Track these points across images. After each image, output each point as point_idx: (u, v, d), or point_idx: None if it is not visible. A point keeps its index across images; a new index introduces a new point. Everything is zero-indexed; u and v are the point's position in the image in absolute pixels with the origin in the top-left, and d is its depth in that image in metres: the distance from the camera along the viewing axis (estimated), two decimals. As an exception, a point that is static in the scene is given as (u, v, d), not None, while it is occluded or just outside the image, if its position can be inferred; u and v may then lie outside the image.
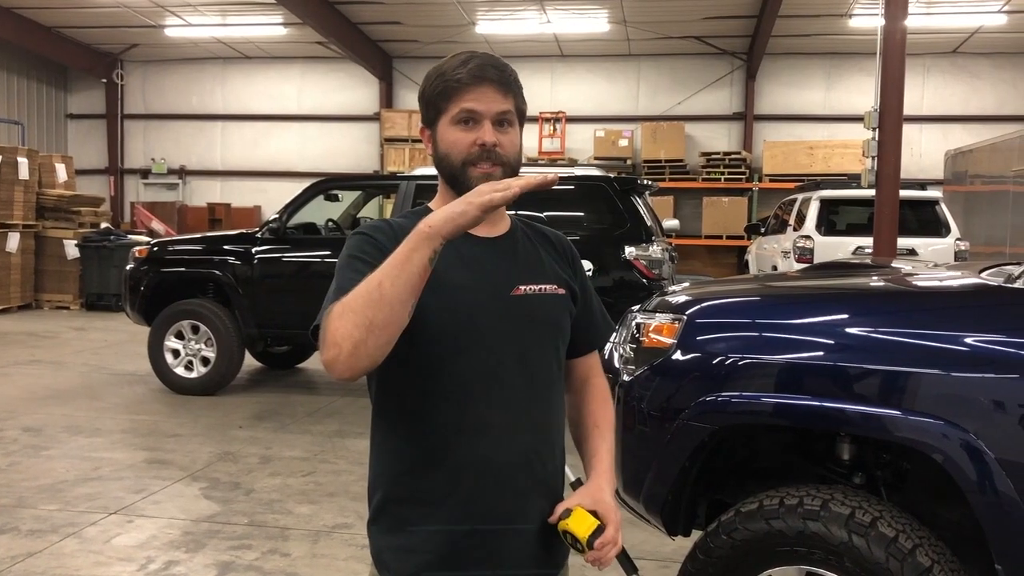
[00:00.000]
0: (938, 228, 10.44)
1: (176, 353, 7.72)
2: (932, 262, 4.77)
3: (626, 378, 2.79)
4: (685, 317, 2.67)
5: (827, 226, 10.80)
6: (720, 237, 16.58)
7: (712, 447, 2.61)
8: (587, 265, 6.75)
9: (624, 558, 3.05)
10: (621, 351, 2.92)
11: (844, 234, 10.91)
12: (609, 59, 18.16)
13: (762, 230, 13.51)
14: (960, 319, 2.31)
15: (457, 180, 1.65)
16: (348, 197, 8.83)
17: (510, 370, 1.64)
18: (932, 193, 10.91)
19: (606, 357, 3.14)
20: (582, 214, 7.33)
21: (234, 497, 5.00)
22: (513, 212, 1.81)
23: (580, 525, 1.61)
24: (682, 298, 2.81)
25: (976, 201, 14.12)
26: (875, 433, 2.38)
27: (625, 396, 2.76)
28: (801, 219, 11.02)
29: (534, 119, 17.75)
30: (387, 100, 18.72)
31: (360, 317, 1.38)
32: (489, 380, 1.62)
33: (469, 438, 1.61)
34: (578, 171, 7.63)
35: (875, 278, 3.05)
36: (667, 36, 16.53)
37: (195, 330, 7.66)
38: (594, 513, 1.65)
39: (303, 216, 7.93)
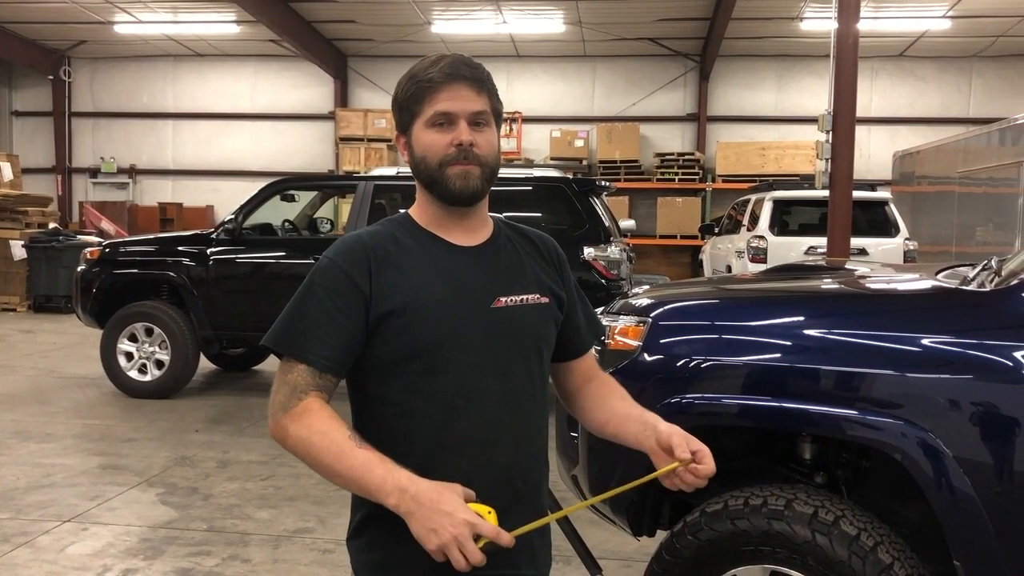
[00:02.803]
0: (888, 228, 10.66)
1: (129, 356, 7.59)
2: (885, 263, 4.87)
3: (592, 380, 2.82)
4: (650, 320, 2.70)
5: (780, 226, 10.97)
6: (675, 237, 16.75)
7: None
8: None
9: (587, 557, 3.08)
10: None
11: (797, 234, 11.10)
12: (565, 60, 18.24)
13: (716, 230, 13.67)
14: (918, 321, 2.36)
15: (436, 183, 1.63)
16: (304, 197, 8.76)
17: (491, 385, 1.62)
18: (882, 194, 11.16)
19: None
20: (540, 215, 7.35)
21: (192, 502, 4.94)
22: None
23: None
24: (647, 301, 2.84)
25: (923, 201, 14.44)
26: (836, 433, 2.43)
27: (591, 398, 2.78)
28: (754, 219, 11.18)
29: (490, 119, 17.74)
30: (342, 99, 18.59)
31: (304, 452, 1.52)
32: (470, 396, 1.60)
33: (451, 455, 1.59)
34: (536, 172, 7.66)
35: (835, 281, 3.11)
36: (622, 37, 16.65)
37: (149, 332, 7.55)
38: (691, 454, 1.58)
39: (259, 217, 7.85)
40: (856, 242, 9.67)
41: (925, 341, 2.28)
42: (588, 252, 6.93)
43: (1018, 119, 11.06)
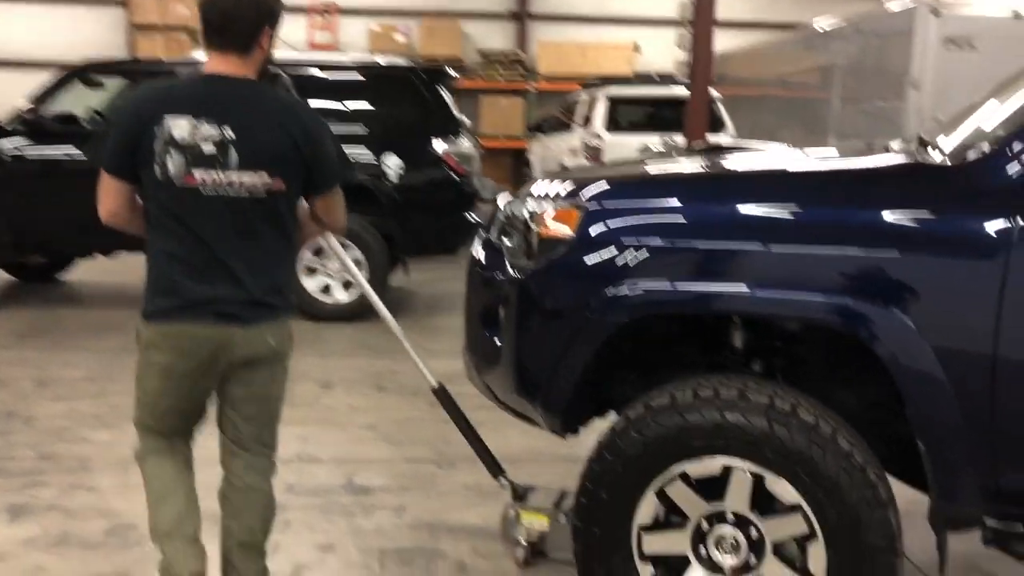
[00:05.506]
0: (716, 125, 10.88)
1: (-92, 266, 6.60)
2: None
3: (517, 275, 2.55)
4: (585, 204, 2.45)
5: (614, 124, 10.97)
6: (497, 138, 16.51)
7: (615, 341, 2.44)
8: (395, 161, 6.39)
9: (490, 460, 2.90)
10: (508, 244, 2.66)
11: (630, 131, 11.12)
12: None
13: (543, 129, 13.58)
14: (882, 197, 2.24)
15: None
16: (115, 87, 7.74)
17: None
18: (710, 92, 11.31)
19: (475, 255, 2.87)
20: (383, 107, 6.88)
21: (12, 428, 4.35)
22: None
23: None
24: (575, 184, 2.58)
25: (738, 103, 14.89)
26: (791, 315, 2.32)
27: (519, 293, 2.53)
28: (587, 119, 11.12)
29: (303, 10, 16.66)
30: (134, -19, 16.76)
31: None
32: None
33: None
34: (380, 60, 7.15)
35: (780, 158, 2.97)
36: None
37: (-70, 239, 6.56)
38: None
39: (60, 106, 6.90)
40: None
41: (890, 218, 2.17)
42: (439, 146, 6.54)
43: (829, 25, 11.47)
